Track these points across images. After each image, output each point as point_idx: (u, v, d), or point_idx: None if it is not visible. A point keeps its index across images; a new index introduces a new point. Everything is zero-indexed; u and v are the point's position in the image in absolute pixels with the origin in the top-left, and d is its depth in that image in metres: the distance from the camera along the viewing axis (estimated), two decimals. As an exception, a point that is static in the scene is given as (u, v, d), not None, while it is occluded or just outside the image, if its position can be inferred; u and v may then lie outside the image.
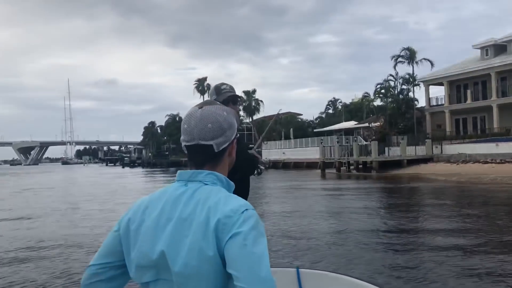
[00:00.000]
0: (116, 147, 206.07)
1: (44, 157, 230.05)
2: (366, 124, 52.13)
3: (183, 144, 1.31)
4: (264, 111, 75.14)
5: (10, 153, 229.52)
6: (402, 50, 45.19)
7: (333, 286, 2.83)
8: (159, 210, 1.25)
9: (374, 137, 41.54)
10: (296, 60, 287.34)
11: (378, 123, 47.03)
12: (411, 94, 46.73)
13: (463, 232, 9.77)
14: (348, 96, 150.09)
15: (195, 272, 1.15)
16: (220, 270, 1.16)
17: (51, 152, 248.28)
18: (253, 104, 74.78)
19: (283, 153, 52.34)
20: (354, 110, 71.21)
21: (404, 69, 46.48)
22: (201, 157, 1.30)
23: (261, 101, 76.45)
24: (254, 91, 76.17)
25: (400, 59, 45.41)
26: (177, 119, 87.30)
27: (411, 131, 43.11)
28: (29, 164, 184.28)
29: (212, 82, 76.04)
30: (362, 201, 16.47)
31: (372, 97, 52.46)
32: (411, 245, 8.67)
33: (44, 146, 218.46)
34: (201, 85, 77.21)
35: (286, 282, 2.86)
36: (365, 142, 42.02)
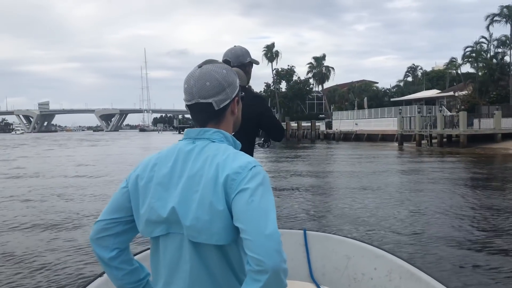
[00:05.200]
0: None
1: (124, 124, 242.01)
2: (451, 93, 46.81)
3: (185, 104, 1.34)
4: (335, 79, 71.16)
5: (93, 120, 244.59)
6: (502, 8, 39.13)
7: (338, 248, 2.95)
8: (169, 167, 1.28)
9: (462, 106, 36.76)
10: (372, 26, 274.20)
11: (466, 92, 41.79)
12: (507, 58, 40.75)
13: None
14: (428, 64, 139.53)
15: (206, 226, 1.19)
16: (230, 224, 1.19)
17: (130, 119, 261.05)
18: (323, 70, 70.88)
19: (356, 124, 48.58)
20: (436, 78, 65.02)
21: (498, 31, 40.49)
22: (203, 115, 1.33)
23: (332, 68, 72.37)
24: (324, 57, 72.13)
25: (496, 18, 39.52)
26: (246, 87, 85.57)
27: (506, 100, 37.77)
28: (110, 131, 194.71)
29: (282, 49, 73.32)
30: (449, 183, 13.40)
31: (460, 61, 46.56)
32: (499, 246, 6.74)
33: (124, 113, 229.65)
34: (269, 52, 74.50)
35: (293, 243, 2.96)
36: (449, 113, 37.34)
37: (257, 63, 2.91)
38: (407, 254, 6.13)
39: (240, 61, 2.74)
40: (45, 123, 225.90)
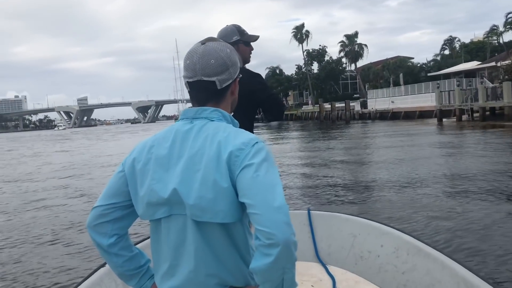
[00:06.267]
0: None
1: (160, 115, 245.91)
2: (493, 64, 44.32)
3: (185, 80, 1.30)
4: (369, 57, 69.14)
5: (130, 112, 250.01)
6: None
7: (343, 226, 2.94)
8: (167, 148, 1.26)
9: (505, 77, 34.69)
10: (405, 1, 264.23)
11: (509, 61, 39.42)
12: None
13: None
14: (466, 37, 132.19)
15: (211, 204, 1.17)
16: (235, 202, 1.18)
17: (166, 110, 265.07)
18: (356, 48, 68.89)
19: (392, 102, 46.97)
20: (475, 50, 61.90)
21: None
22: (204, 94, 1.30)
23: (365, 45, 70.28)
24: (356, 35, 70.12)
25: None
26: (277, 71, 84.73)
27: (554, 68, 35.20)
28: (147, 122, 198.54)
29: (313, 30, 71.93)
30: (495, 159, 12.52)
31: (502, 29, 43.88)
32: None
33: (159, 104, 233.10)
34: (299, 33, 73.10)
35: (297, 223, 2.86)
36: (492, 85, 35.34)
37: (253, 39, 2.75)
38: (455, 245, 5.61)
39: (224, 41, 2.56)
40: (85, 118, 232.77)
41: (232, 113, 1.39)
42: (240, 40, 2.69)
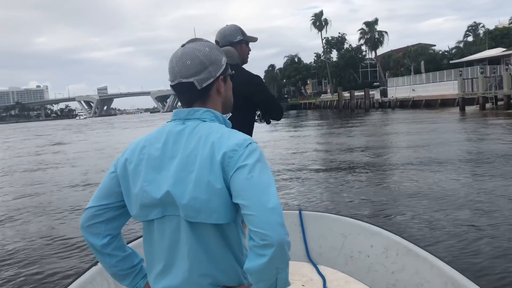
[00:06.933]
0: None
1: (179, 104, 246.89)
2: (519, 50, 43.03)
3: (170, 84, 1.31)
4: (389, 45, 67.93)
5: (149, 102, 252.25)
6: None
7: (334, 227, 2.98)
8: (159, 149, 1.25)
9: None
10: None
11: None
12: None
13: None
14: (491, 24, 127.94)
15: (205, 205, 1.17)
16: (228, 203, 1.18)
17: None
18: (376, 36, 67.74)
19: (413, 90, 46.11)
20: (500, 36, 59.96)
21: None
22: (187, 95, 1.30)
23: (385, 32, 69.03)
24: (376, 22, 68.91)
25: None
26: (296, 60, 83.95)
27: None
28: (166, 111, 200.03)
29: (332, 17, 71.01)
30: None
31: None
32: None
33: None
34: (317, 20, 72.17)
35: (289, 224, 2.73)
36: (517, 72, 34.33)
37: (253, 40, 2.84)
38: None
39: (228, 40, 2.71)
40: (105, 107, 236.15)
41: (230, 113, 1.40)
42: (243, 40, 2.77)
